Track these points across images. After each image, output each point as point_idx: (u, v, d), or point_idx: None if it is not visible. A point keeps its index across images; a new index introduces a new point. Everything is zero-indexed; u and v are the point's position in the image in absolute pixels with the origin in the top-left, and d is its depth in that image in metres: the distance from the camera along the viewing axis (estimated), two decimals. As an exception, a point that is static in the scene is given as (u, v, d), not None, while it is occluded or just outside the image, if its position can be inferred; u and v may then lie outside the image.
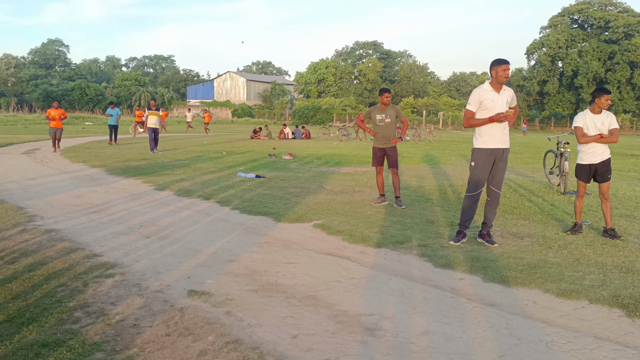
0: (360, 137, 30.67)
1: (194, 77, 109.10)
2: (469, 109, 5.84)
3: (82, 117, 55.01)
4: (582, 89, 61.19)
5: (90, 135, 30.08)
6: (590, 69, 59.64)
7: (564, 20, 64.99)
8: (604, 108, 6.32)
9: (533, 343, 3.37)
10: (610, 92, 6.37)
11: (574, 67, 62.01)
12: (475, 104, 5.78)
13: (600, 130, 6.28)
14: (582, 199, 6.52)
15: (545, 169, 11.38)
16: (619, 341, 3.42)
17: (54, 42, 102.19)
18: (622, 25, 59.52)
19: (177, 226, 6.62)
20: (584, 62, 60.85)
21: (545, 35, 65.47)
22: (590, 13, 62.88)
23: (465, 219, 5.98)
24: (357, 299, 4.13)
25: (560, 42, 63.01)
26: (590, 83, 60.53)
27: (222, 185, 10.27)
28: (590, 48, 61.45)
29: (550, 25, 66.05)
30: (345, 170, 13.33)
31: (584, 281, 4.60)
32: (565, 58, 63.28)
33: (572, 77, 62.72)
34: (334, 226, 6.68)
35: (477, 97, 5.77)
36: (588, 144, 6.35)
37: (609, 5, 63.54)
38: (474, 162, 5.90)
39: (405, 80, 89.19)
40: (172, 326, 3.52)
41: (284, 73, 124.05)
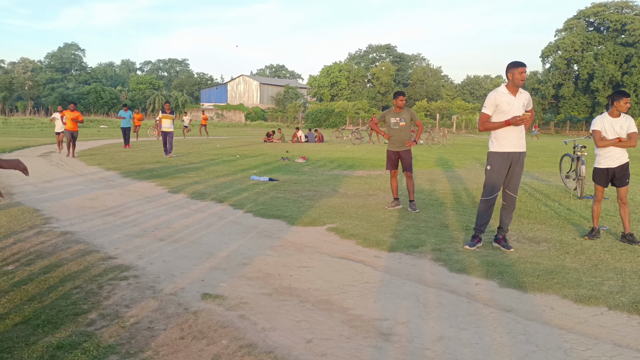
0: (373, 141, 30.61)
1: (208, 80, 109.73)
2: (485, 112, 5.76)
3: (98, 120, 55.56)
4: (597, 93, 60.58)
5: (106, 138, 30.35)
6: (607, 72, 59.03)
7: (580, 23, 64.44)
8: (622, 111, 6.23)
9: (551, 350, 3.31)
10: (629, 95, 6.28)
11: (590, 71, 61.43)
12: (491, 107, 5.71)
13: (619, 134, 6.19)
14: (599, 203, 6.42)
15: (562, 172, 11.25)
16: (639, 348, 3.35)
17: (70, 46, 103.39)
18: (639, 28, 58.84)
19: (191, 229, 6.63)
20: (600, 66, 60.25)
21: (560, 38, 64.96)
22: (607, 16, 62.26)
23: (481, 224, 5.92)
24: (371, 304, 4.09)
25: (576, 45, 62.47)
26: (607, 86, 59.91)
27: (236, 188, 10.29)
28: (607, 51, 60.82)
29: (566, 28, 65.53)
30: (359, 174, 13.29)
31: (602, 287, 4.53)
32: (581, 61, 62.72)
33: (588, 81, 62.14)
34: (347, 230, 6.65)
35: (493, 100, 5.71)
36: (606, 147, 6.26)
37: (625, 8, 62.86)
38: (489, 165, 5.83)
39: (419, 84, 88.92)
40: (186, 329, 3.51)
41: (297, 76, 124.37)
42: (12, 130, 37.46)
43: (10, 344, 3.20)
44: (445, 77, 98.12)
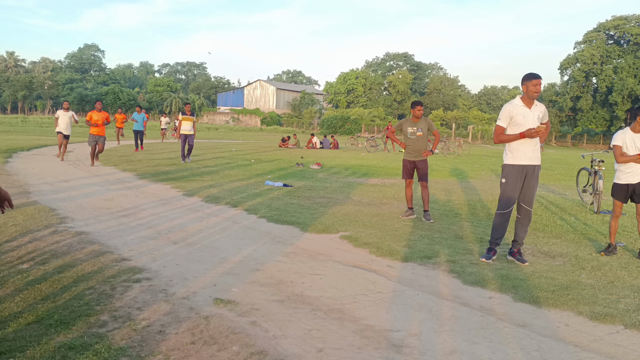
0: (388, 149, 30.53)
1: (225, 84, 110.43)
2: (500, 125, 5.73)
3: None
4: (616, 106, 59.89)
5: (123, 139, 30.60)
6: (626, 86, 58.35)
7: (600, 35, 63.83)
8: None
9: (565, 368, 3.26)
10: None
11: (609, 84, 60.78)
12: (505, 119, 5.68)
13: None
14: (617, 219, 6.33)
15: (578, 186, 11.11)
16: (657, 370, 3.28)
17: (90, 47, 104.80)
18: (660, 41, 58.17)
19: (204, 233, 6.65)
20: (619, 79, 59.57)
21: (579, 51, 64.39)
22: (627, 29, 61.62)
23: (497, 237, 5.86)
24: (383, 314, 4.06)
25: (595, 58, 61.89)
26: (625, 100, 59.21)
27: (250, 193, 10.31)
28: (626, 64, 60.15)
29: (585, 40, 64.94)
30: (373, 182, 13.25)
31: (618, 305, 4.45)
32: (600, 74, 62.10)
33: (607, 94, 61.47)
34: (361, 238, 6.63)
35: (507, 112, 5.67)
36: (627, 163, 6.16)
37: (646, 21, 62.15)
38: (504, 178, 5.78)
39: (435, 93, 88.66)
40: (198, 334, 3.51)
41: (314, 82, 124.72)
42: (31, 128, 37.97)
43: (23, 343, 3.22)
44: (462, 86, 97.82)
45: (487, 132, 62.41)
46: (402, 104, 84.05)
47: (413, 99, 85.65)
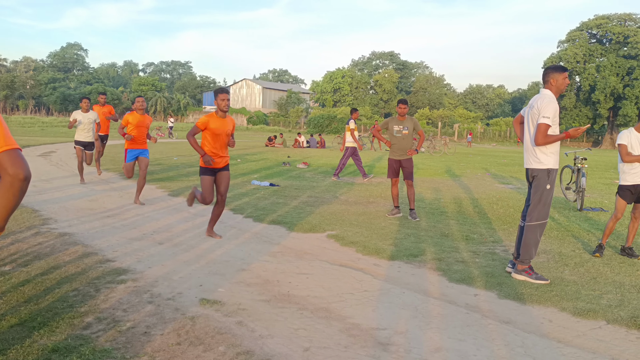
0: (375, 148, 30.62)
1: (211, 83, 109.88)
2: (548, 123, 4.98)
3: (99, 121, 55.53)
4: (599, 104, 60.60)
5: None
6: (608, 84, 59.07)
7: (582, 34, 64.53)
8: None
9: (549, 364, 3.30)
10: None
11: (592, 82, 61.47)
12: (554, 117, 5.02)
13: None
14: (617, 221, 6.18)
15: (562, 184, 11.24)
16: (639, 364, 3.33)
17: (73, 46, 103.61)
18: (642, 40, 58.92)
19: (190, 233, 6.62)
20: (602, 77, 60.28)
21: (563, 50, 65.04)
22: (609, 28, 62.37)
23: (536, 251, 5.26)
24: (370, 313, 4.08)
25: (578, 57, 62.56)
26: (608, 98, 59.94)
27: (236, 192, 10.28)
28: (609, 63, 60.88)
29: (568, 39, 65.61)
30: (360, 181, 13.28)
31: (601, 301, 4.51)
32: (583, 73, 62.76)
33: (590, 92, 62.17)
34: (347, 237, 6.64)
35: (555, 108, 5.04)
36: (631, 163, 6.05)
37: (628, 20, 62.98)
38: (549, 184, 5.15)
39: (421, 92, 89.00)
40: (183, 335, 3.50)
41: (300, 81, 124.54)
42: (13, 129, 37.47)
43: (6, 346, 3.18)
44: (448, 85, 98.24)
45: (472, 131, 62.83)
46: (389, 103, 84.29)
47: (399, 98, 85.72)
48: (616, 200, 6.21)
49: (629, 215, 6.96)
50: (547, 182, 5.13)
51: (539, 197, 5.14)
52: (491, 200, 10.43)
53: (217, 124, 6.15)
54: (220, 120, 6.18)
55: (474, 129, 64.26)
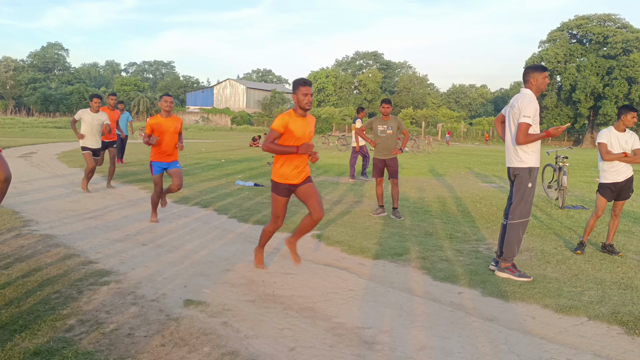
0: (358, 147, 30.68)
1: (194, 83, 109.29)
2: (529, 122, 5.03)
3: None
4: (579, 104, 61.42)
5: (89, 139, 30.01)
6: (589, 84, 59.89)
7: (563, 35, 65.32)
8: (629, 126, 6.11)
9: (532, 360, 3.33)
10: (637, 110, 6.10)
11: (572, 82, 62.25)
12: (535, 117, 5.07)
13: (624, 148, 6.08)
14: (597, 218, 6.28)
15: (544, 182, 11.37)
16: (619, 359, 3.38)
17: (54, 46, 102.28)
18: (621, 40, 59.84)
19: (174, 234, 6.58)
20: (582, 77, 61.09)
21: (544, 50, 65.77)
22: (589, 28, 63.23)
23: (519, 249, 5.30)
24: (355, 312, 4.09)
25: (559, 57, 63.32)
26: (588, 98, 60.77)
27: (220, 193, 10.23)
28: (589, 63, 61.72)
29: (549, 39, 66.37)
30: (344, 180, 13.30)
31: (582, 297, 4.57)
32: (564, 72, 63.54)
33: (570, 92, 62.95)
34: (332, 237, 6.64)
35: (535, 108, 5.07)
36: (611, 162, 6.14)
37: (607, 20, 63.91)
38: (531, 183, 5.20)
39: (405, 91, 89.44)
40: (168, 336, 3.47)
41: (284, 81, 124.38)
42: (-7, 130, 36.89)
43: (-13, 350, 3.13)
44: (431, 85, 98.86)
45: (455, 130, 63.29)
46: (373, 103, 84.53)
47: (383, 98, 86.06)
48: (597, 198, 6.30)
49: (609, 213, 7.07)
50: (528, 181, 5.17)
51: (521, 195, 5.20)
52: (474, 199, 10.51)
53: (297, 124, 4.78)
54: (301, 120, 4.82)
55: (457, 129, 64.74)
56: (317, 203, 4.88)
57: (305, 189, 4.93)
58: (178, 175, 7.09)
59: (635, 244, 6.75)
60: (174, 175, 7.10)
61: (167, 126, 6.95)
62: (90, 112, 9.43)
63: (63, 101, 72.07)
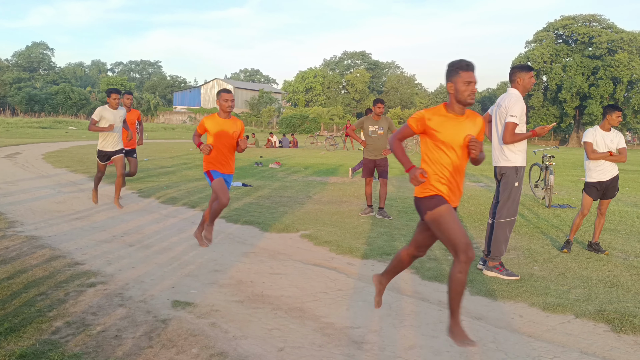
0: (347, 147, 30.70)
1: (181, 83, 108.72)
2: (516, 122, 5.06)
3: (66, 121, 54.46)
4: (565, 103, 62.01)
5: (74, 140, 29.77)
6: (574, 84, 60.47)
7: (549, 35, 65.89)
8: (614, 125, 6.17)
9: (520, 358, 3.35)
10: (622, 109, 6.18)
11: (558, 82, 62.82)
12: (522, 116, 5.11)
13: (610, 147, 6.14)
14: (583, 217, 6.32)
15: (531, 182, 11.45)
16: (605, 356, 3.42)
17: (39, 45, 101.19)
18: (606, 41, 60.50)
19: (161, 234, 6.53)
20: (568, 77, 61.66)
21: (530, 50, 66.30)
22: (575, 29, 63.85)
23: (506, 248, 5.32)
24: (344, 311, 4.08)
25: (545, 57, 63.86)
26: (574, 97, 61.37)
27: (208, 193, 10.18)
28: (574, 63, 62.32)
29: (536, 40, 66.91)
30: (333, 180, 13.31)
31: (569, 295, 4.61)
32: (550, 72, 64.08)
33: (556, 92, 63.52)
34: (321, 237, 6.64)
35: (522, 107, 5.11)
36: (597, 161, 6.19)
37: (593, 21, 64.58)
38: (518, 182, 5.22)
39: (393, 91, 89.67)
40: (155, 338, 3.45)
41: (272, 81, 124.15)
42: (-23, 130, 36.43)
43: (-29, 353, 3.08)
44: (419, 85, 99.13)
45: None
46: (361, 103, 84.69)
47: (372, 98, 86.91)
48: (582, 197, 6.35)
49: (595, 212, 7.14)
50: (515, 180, 5.21)
51: (507, 195, 5.23)
52: (462, 198, 10.55)
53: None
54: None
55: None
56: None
57: None
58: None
59: (620, 243, 6.82)
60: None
61: (226, 128, 5.63)
62: (109, 108, 8.01)
63: (48, 101, 71.28)
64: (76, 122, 55.14)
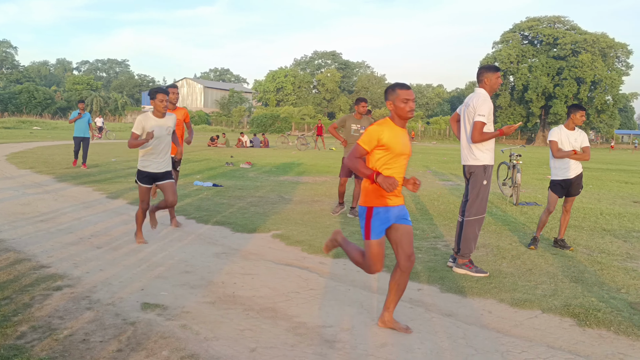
0: (318, 147, 30.73)
1: (150, 82, 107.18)
2: (484, 121, 5.15)
3: (30, 121, 53.16)
4: (531, 103, 63.41)
5: (39, 140, 29.06)
6: (540, 84, 61.84)
7: (515, 36, 67.23)
8: (578, 124, 6.31)
9: (489, 353, 3.41)
10: (585, 109, 6.34)
11: (525, 82, 64.16)
12: (489, 115, 5.19)
13: (574, 146, 6.29)
14: (549, 214, 6.47)
15: (499, 180, 11.66)
16: (571, 350, 3.50)
17: (1, 44, 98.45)
18: (570, 42, 62.05)
19: (130, 236, 6.42)
20: (534, 77, 63.03)
21: (497, 50, 67.57)
22: (540, 30, 65.30)
23: (475, 246, 5.39)
24: (316, 311, 4.09)
25: (512, 57, 65.13)
26: (540, 97, 62.78)
27: (178, 194, 10.04)
28: (540, 64, 63.74)
29: (502, 40, 68.21)
30: (304, 180, 13.30)
31: (536, 291, 4.71)
32: (516, 73, 65.41)
33: (523, 92, 64.88)
34: (293, 236, 6.63)
35: (490, 106, 5.20)
36: (562, 159, 6.34)
37: (557, 22, 66.16)
38: (486, 180, 5.30)
39: (363, 91, 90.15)
40: (124, 341, 3.39)
41: (243, 81, 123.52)
42: (-64, 130, 35.24)
43: None
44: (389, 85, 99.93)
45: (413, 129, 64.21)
46: (332, 102, 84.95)
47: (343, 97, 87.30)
48: (548, 194, 6.50)
49: (560, 209, 7.31)
50: (483, 178, 5.28)
51: (476, 193, 5.31)
52: (432, 197, 10.69)
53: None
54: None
55: (415, 128, 65.73)
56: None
57: None
58: None
59: (585, 239, 7.00)
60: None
61: (404, 141, 3.81)
62: (153, 116, 5.91)
63: (11, 100, 69.45)
64: (41, 122, 53.86)
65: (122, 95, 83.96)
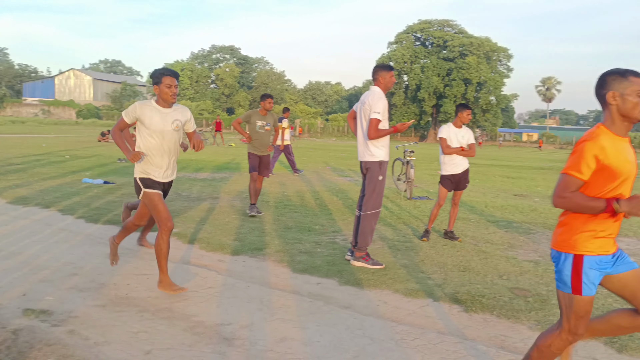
0: (217, 143, 30.21)
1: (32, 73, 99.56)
2: (379, 118, 5.30)
3: None
4: (424, 102, 66.54)
5: None
6: (431, 84, 65.06)
7: (409, 37, 70.17)
8: (464, 122, 6.68)
9: (384, 342, 3.54)
10: (471, 108, 6.73)
11: (418, 82, 67.17)
12: (384, 112, 5.35)
13: (461, 143, 6.64)
14: (440, 207, 6.78)
15: (393, 175, 12.12)
16: (459, 335, 3.72)
17: None
18: (458, 45, 65.81)
19: (11, 238, 5.93)
20: (426, 77, 66.18)
21: (392, 50, 70.12)
22: (431, 32, 68.65)
23: (371, 238, 5.54)
24: (214, 309, 4.02)
25: (406, 58, 67.91)
26: (431, 96, 66.04)
27: (65, 192, 9.44)
28: (431, 64, 67.02)
29: (397, 41, 70.91)
30: (202, 176, 13.02)
31: (428, 281, 4.95)
32: (410, 72, 68.30)
33: (416, 91, 67.89)
34: (190, 234, 6.46)
35: (385, 104, 5.36)
36: (450, 155, 6.65)
37: (446, 26, 69.89)
38: (382, 175, 5.48)
39: (263, 87, 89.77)
40: (4, 351, 3.12)
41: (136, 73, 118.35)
42: None
43: None
44: (289, 81, 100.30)
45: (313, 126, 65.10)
46: (230, 98, 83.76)
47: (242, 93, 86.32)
48: (439, 189, 6.86)
49: (450, 202, 7.74)
50: (379, 174, 5.46)
51: (372, 188, 5.48)
52: (331, 192, 10.89)
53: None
54: None
55: (314, 125, 66.64)
56: None
57: None
58: None
59: (472, 230, 7.47)
60: None
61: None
62: (156, 105, 4.51)
63: None
64: None
65: (0, 86, 77.25)
